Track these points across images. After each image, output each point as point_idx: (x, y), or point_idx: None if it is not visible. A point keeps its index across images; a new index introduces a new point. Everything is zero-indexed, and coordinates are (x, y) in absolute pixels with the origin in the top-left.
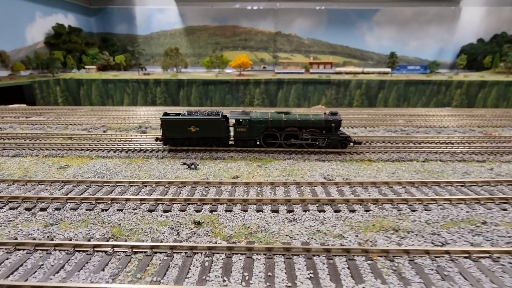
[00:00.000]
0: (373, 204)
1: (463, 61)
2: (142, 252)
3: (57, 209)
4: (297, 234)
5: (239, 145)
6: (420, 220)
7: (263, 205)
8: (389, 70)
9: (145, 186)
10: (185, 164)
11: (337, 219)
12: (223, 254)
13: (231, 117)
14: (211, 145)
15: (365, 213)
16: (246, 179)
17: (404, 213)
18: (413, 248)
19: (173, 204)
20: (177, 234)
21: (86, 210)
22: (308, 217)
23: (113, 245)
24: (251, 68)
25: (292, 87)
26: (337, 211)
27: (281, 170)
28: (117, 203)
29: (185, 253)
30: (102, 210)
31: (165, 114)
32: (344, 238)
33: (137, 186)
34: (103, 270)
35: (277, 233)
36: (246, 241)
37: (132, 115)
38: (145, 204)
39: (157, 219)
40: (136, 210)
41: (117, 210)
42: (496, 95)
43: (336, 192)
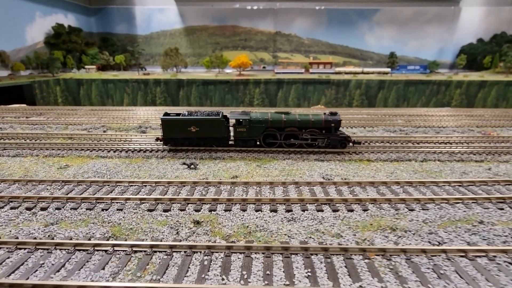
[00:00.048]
0: (371, 204)
1: (463, 61)
2: (142, 251)
3: (58, 208)
4: (296, 233)
5: (239, 145)
6: (418, 220)
7: (262, 204)
8: (388, 70)
9: (145, 186)
10: (184, 164)
11: (335, 218)
12: (222, 253)
13: (231, 117)
14: (212, 145)
15: (363, 212)
16: (245, 178)
17: (401, 212)
18: (410, 247)
19: (173, 204)
20: (177, 233)
21: (87, 209)
22: (306, 217)
23: (113, 244)
24: (251, 68)
25: (292, 87)
26: (336, 211)
27: (280, 170)
28: (117, 203)
29: (185, 252)
30: (102, 210)
31: (165, 114)
32: (342, 237)
33: (137, 185)
34: (104, 269)
35: (276, 232)
36: (245, 240)
37: (132, 115)
38: (145, 203)
39: (156, 218)
40: (136, 209)
41: (117, 210)
42: (495, 95)
43: (334, 192)
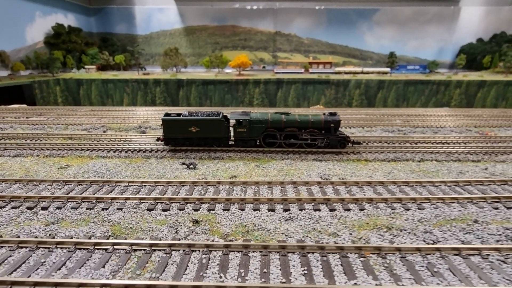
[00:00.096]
0: (368, 203)
1: (462, 60)
2: (141, 250)
3: (58, 208)
4: (293, 232)
5: (239, 145)
6: (413, 219)
7: (260, 204)
8: (388, 70)
9: (145, 185)
10: (184, 164)
11: (332, 217)
12: (220, 251)
13: (232, 117)
14: (212, 145)
15: (359, 212)
16: (244, 178)
17: (397, 212)
18: (404, 246)
19: (172, 203)
20: (176, 233)
21: (87, 209)
22: (304, 216)
23: (113, 243)
24: (250, 68)
25: (291, 87)
26: (332, 210)
27: (278, 169)
28: (117, 202)
29: (183, 251)
30: (102, 209)
31: (166, 114)
32: (338, 236)
33: (137, 185)
34: (104, 267)
35: (273, 231)
36: (242, 239)
37: (131, 115)
38: (145, 203)
39: (156, 218)
40: (136, 209)
41: (117, 209)
42: (495, 95)
43: (332, 192)
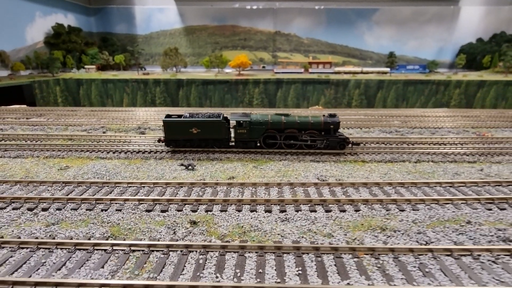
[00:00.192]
0: (363, 204)
1: (462, 60)
2: (140, 251)
3: (58, 209)
4: (289, 233)
5: (239, 147)
6: (407, 220)
7: (257, 205)
8: (388, 69)
9: (143, 186)
10: (182, 165)
11: (327, 218)
12: (217, 252)
13: (232, 119)
14: (213, 146)
15: (355, 213)
16: (241, 179)
17: (392, 213)
18: (398, 247)
19: (170, 204)
20: (174, 233)
21: (86, 210)
22: (300, 217)
23: (112, 243)
24: (250, 68)
25: (291, 86)
26: (328, 211)
27: (276, 171)
28: (116, 204)
29: (181, 251)
30: (102, 210)
31: (167, 116)
32: (333, 237)
33: (136, 186)
34: (103, 267)
35: (270, 232)
36: (239, 240)
37: (131, 116)
38: (143, 204)
39: (154, 218)
40: (135, 210)
41: (116, 210)
42: (494, 95)
43: (328, 193)
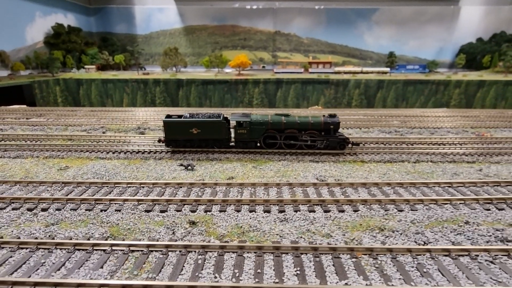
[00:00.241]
0: (362, 205)
1: (462, 60)
2: (139, 251)
3: (58, 209)
4: (287, 233)
5: (240, 147)
6: (406, 220)
7: (256, 205)
8: (388, 69)
9: (143, 187)
10: (182, 165)
11: (326, 219)
12: (216, 252)
13: (232, 119)
14: (213, 146)
15: (353, 213)
16: (241, 180)
17: (391, 213)
18: (396, 247)
19: (169, 205)
20: (173, 234)
21: (86, 210)
22: (298, 217)
23: (111, 244)
24: (250, 68)
25: (291, 86)
26: (327, 211)
27: (275, 171)
28: (115, 204)
29: (180, 252)
30: (101, 211)
31: (167, 116)
32: (331, 237)
33: (135, 187)
34: (102, 268)
35: (268, 233)
36: (238, 240)
37: (131, 116)
38: (143, 204)
39: (153, 219)
40: (134, 210)
41: (115, 211)
42: (494, 95)
43: (327, 193)
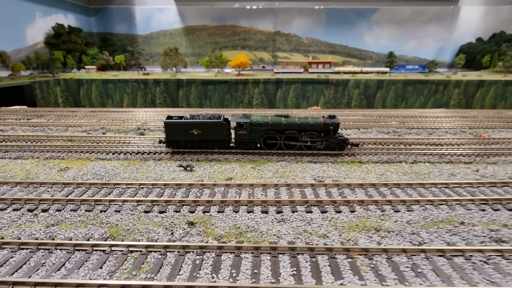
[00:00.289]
0: (359, 205)
1: (462, 60)
2: (137, 251)
3: (58, 210)
4: (285, 234)
5: (240, 148)
6: (402, 221)
7: (254, 206)
8: (387, 69)
9: (142, 188)
10: (181, 166)
11: (323, 219)
12: (213, 252)
13: (233, 120)
14: (213, 147)
15: (350, 213)
16: (239, 180)
17: (387, 213)
18: (391, 247)
19: (168, 206)
20: (171, 234)
21: (86, 211)
22: (296, 218)
23: (110, 244)
24: (250, 68)
25: (290, 86)
26: (324, 212)
27: (274, 171)
28: (115, 205)
29: (178, 252)
30: (101, 211)
31: (168, 117)
32: (328, 238)
33: (134, 188)
34: (101, 268)
35: (266, 233)
36: (235, 241)
37: (131, 116)
38: (142, 205)
39: (152, 219)
40: (133, 211)
41: (115, 211)
42: (494, 95)
43: (324, 194)
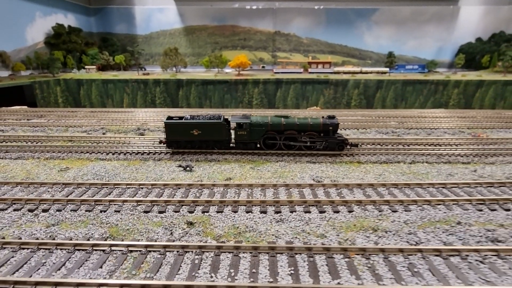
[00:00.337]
0: (357, 205)
1: (461, 60)
2: (137, 251)
3: (58, 210)
4: (283, 234)
5: (240, 148)
6: (399, 221)
7: (253, 206)
8: (387, 69)
9: (142, 188)
10: (180, 166)
11: (321, 219)
12: (212, 252)
13: (233, 120)
14: (213, 147)
15: (348, 213)
16: (238, 181)
17: (385, 213)
18: (388, 247)
19: (168, 206)
20: (171, 234)
21: (86, 211)
22: (294, 218)
23: (110, 244)
24: (250, 68)
25: (290, 86)
26: (322, 212)
27: (272, 172)
28: (115, 205)
29: (177, 252)
30: (101, 211)
31: (168, 118)
32: (326, 238)
33: (134, 188)
34: (101, 267)
35: (264, 233)
36: (234, 241)
37: (130, 117)
38: (141, 205)
39: (152, 219)
40: (133, 211)
41: (114, 211)
42: (493, 95)
43: (323, 194)
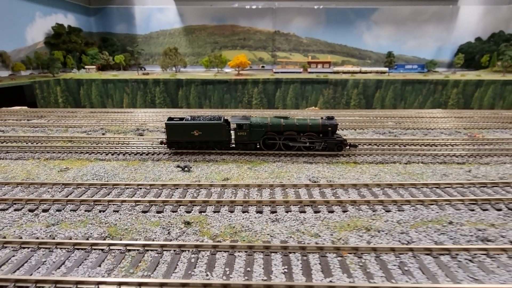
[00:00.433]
0: (351, 205)
1: (460, 60)
2: (135, 250)
3: (58, 210)
4: (278, 233)
5: (240, 148)
6: (392, 220)
7: (249, 206)
8: (386, 69)
9: (140, 188)
10: (179, 166)
11: (316, 219)
12: (208, 251)
13: (233, 121)
14: (214, 148)
15: (342, 213)
16: (236, 181)
17: (378, 213)
18: (380, 246)
19: (166, 206)
20: (168, 233)
21: (85, 211)
22: (289, 218)
23: (109, 243)
24: (249, 68)
25: (290, 86)
26: (317, 212)
27: (270, 172)
28: (113, 205)
29: (174, 251)
30: (100, 211)
31: (169, 118)
32: (319, 237)
33: (133, 188)
34: (100, 266)
35: (260, 232)
36: (230, 240)
37: (130, 117)
38: (140, 205)
39: (150, 219)
40: (131, 211)
41: (113, 211)
42: (492, 94)
43: (318, 194)
